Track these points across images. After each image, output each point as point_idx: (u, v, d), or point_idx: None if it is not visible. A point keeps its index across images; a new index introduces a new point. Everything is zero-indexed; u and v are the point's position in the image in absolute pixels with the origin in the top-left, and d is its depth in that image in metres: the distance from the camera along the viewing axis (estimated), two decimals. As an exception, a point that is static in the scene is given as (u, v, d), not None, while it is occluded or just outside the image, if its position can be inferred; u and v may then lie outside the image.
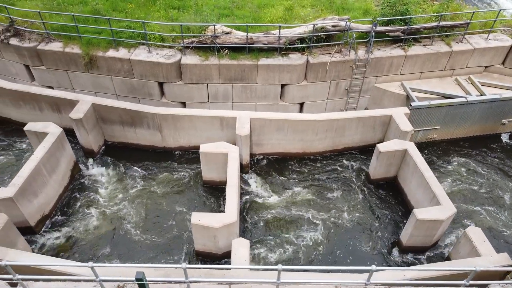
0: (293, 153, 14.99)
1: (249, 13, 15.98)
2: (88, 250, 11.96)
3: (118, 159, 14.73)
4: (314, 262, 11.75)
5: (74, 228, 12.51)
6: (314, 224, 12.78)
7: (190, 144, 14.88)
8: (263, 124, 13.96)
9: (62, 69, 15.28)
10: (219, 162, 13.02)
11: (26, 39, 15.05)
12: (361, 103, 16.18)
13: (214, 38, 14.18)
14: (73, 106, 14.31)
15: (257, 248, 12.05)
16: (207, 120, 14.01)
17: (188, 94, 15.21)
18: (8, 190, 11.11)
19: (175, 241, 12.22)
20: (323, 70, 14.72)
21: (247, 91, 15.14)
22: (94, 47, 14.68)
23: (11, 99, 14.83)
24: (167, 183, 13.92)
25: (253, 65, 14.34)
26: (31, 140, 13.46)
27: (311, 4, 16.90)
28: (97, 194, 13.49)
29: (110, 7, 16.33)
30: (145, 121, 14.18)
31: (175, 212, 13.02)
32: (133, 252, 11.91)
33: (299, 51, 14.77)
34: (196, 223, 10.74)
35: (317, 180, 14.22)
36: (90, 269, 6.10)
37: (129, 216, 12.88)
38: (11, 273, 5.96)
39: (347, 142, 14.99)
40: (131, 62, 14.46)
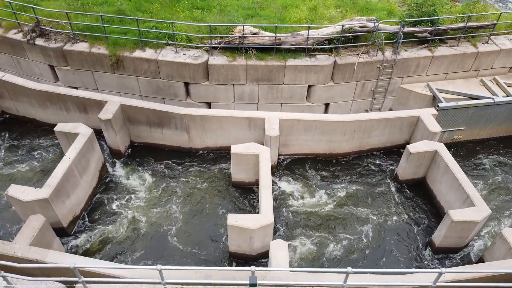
0: (320, 154, 14.98)
1: (274, 13, 15.95)
2: (121, 251, 11.95)
3: (145, 160, 14.71)
4: (351, 263, 11.73)
5: (104, 229, 12.49)
6: (344, 225, 12.76)
7: (216, 145, 14.87)
8: (292, 125, 13.95)
9: (87, 69, 15.24)
10: (250, 163, 13.00)
11: (52, 40, 15.01)
12: (385, 104, 16.16)
13: (242, 38, 14.14)
14: (100, 107, 14.31)
15: (290, 249, 12.03)
16: (235, 121, 13.99)
17: (214, 95, 15.18)
18: (44, 191, 11.10)
19: (207, 242, 12.20)
20: (350, 71, 14.69)
21: (273, 91, 15.11)
22: (121, 47, 14.64)
23: (38, 100, 14.80)
24: (195, 184, 13.90)
25: (280, 65, 14.32)
26: (60, 140, 13.44)
27: (334, 5, 16.86)
28: (125, 195, 13.47)
29: (134, 8, 16.30)
30: (173, 122, 14.16)
31: (205, 212, 13.00)
32: (166, 253, 11.89)
33: (326, 51, 14.74)
34: (233, 224, 10.72)
35: (344, 181, 14.20)
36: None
37: (158, 217, 12.87)
38: (78, 276, 5.94)
39: (373, 143, 14.97)
40: (158, 63, 14.43)
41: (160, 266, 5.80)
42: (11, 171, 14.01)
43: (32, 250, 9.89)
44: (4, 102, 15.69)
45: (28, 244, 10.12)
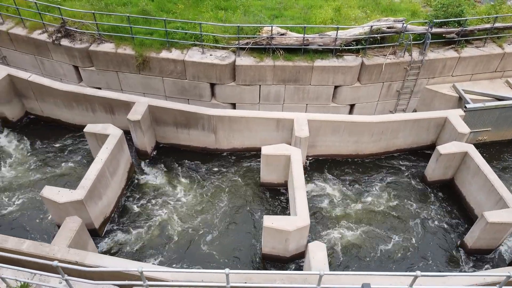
0: (346, 155, 14.95)
1: (299, 13, 15.92)
2: (152, 253, 11.90)
3: (171, 161, 14.68)
4: (382, 266, 11.71)
5: (134, 230, 12.44)
6: (373, 228, 12.72)
7: (243, 146, 14.83)
8: (320, 126, 13.92)
9: (112, 70, 15.20)
10: (280, 164, 12.97)
11: (77, 40, 14.97)
12: (410, 105, 16.13)
13: (270, 39, 14.11)
14: (127, 108, 14.29)
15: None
16: (263, 122, 13.95)
17: (240, 96, 15.15)
18: (78, 193, 11.06)
19: (238, 244, 12.16)
20: (377, 72, 14.66)
21: (299, 92, 15.08)
22: (147, 48, 14.60)
23: (64, 100, 14.76)
24: (222, 185, 13.87)
25: (308, 66, 14.29)
26: (89, 141, 13.41)
27: (358, 5, 16.84)
28: (153, 196, 13.43)
29: (157, 8, 16.27)
30: (201, 123, 14.12)
31: (235, 214, 12.96)
32: (197, 254, 11.83)
33: (353, 52, 14.71)
34: (269, 226, 10.69)
35: (372, 183, 14.17)
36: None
37: (186, 218, 12.83)
38: (143, 280, 5.90)
39: (399, 144, 14.95)
40: (185, 63, 14.39)
41: (228, 270, 5.77)
42: (39, 171, 13.97)
43: (71, 252, 9.84)
44: (29, 103, 15.65)
45: (67, 245, 10.09)
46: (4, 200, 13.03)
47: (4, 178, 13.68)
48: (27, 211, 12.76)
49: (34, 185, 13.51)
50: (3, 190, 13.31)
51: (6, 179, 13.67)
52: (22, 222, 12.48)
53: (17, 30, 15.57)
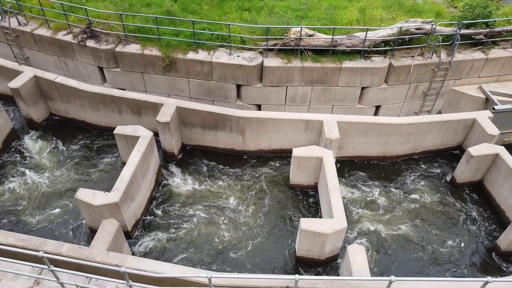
0: (373, 156, 14.90)
1: (325, 14, 15.85)
2: (184, 255, 11.83)
3: (198, 163, 14.62)
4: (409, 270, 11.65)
5: (164, 232, 12.37)
6: (402, 230, 12.67)
7: (270, 147, 14.78)
8: (349, 127, 13.87)
9: (138, 71, 15.14)
10: (311, 166, 12.92)
11: (103, 41, 14.90)
12: (435, 106, 16.07)
13: (299, 40, 14.05)
14: (154, 109, 14.24)
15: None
16: (292, 123, 13.90)
17: (266, 97, 15.09)
18: (114, 195, 11.00)
19: (270, 246, 12.09)
20: (405, 73, 14.61)
21: (326, 93, 15.03)
22: (174, 49, 14.54)
23: (91, 102, 14.70)
24: (250, 186, 13.81)
25: (336, 68, 14.23)
26: (119, 143, 13.35)
27: (382, 6, 16.77)
28: (181, 198, 13.37)
29: (181, 9, 16.20)
30: (229, 124, 14.07)
31: (264, 216, 12.90)
32: (228, 257, 11.76)
33: (381, 53, 14.65)
34: (306, 229, 10.64)
35: (399, 184, 14.12)
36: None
37: (217, 221, 12.76)
38: (210, 286, 5.85)
39: (427, 145, 14.90)
40: (212, 65, 14.33)
41: (298, 276, 5.71)
42: (66, 173, 13.91)
43: (111, 255, 9.77)
44: (53, 104, 15.59)
45: (106, 249, 10.04)
46: (31, 202, 12.96)
47: (31, 180, 13.60)
48: (55, 213, 12.69)
49: (62, 187, 13.46)
50: (30, 192, 13.24)
51: (33, 181, 13.60)
52: (51, 224, 12.41)
53: (41, 31, 15.49)
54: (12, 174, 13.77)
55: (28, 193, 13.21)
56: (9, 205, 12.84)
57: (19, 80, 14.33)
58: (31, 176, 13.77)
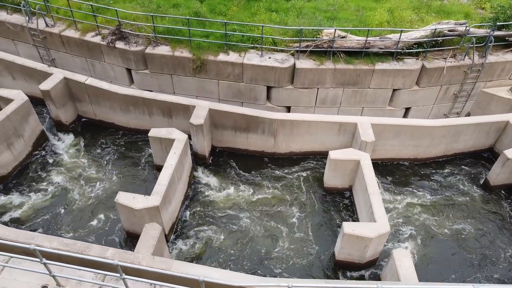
0: (404, 158, 14.83)
1: (354, 16, 15.75)
2: (219, 258, 11.74)
3: (229, 165, 14.53)
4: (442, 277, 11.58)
5: (198, 235, 12.29)
6: (438, 233, 12.59)
7: (301, 150, 14.70)
8: (382, 130, 13.78)
9: (167, 73, 15.04)
10: (348, 168, 12.84)
11: (132, 43, 14.80)
12: (465, 108, 15.98)
13: (332, 42, 13.96)
14: (186, 111, 14.17)
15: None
16: (325, 126, 13.82)
17: (296, 99, 15.00)
18: (154, 199, 10.92)
19: (307, 250, 12.01)
20: (437, 75, 14.52)
21: (357, 95, 14.94)
22: (204, 51, 14.44)
23: (121, 104, 14.61)
24: (285, 189, 13.73)
25: (369, 69, 14.14)
26: (153, 145, 13.25)
27: (410, 7, 16.67)
28: (214, 201, 13.27)
29: (208, 10, 16.10)
30: (261, 127, 13.98)
31: (301, 219, 12.82)
32: (264, 260, 11.69)
33: (413, 55, 14.56)
34: (349, 233, 10.56)
35: (433, 186, 14.04)
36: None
37: (250, 224, 12.67)
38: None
39: (459, 147, 14.82)
40: (243, 66, 14.23)
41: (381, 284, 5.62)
42: (98, 175, 13.82)
43: (156, 259, 9.67)
44: (82, 106, 15.50)
45: (151, 253, 9.95)
46: (63, 205, 12.87)
47: (62, 183, 13.51)
48: (87, 215, 12.61)
49: (94, 189, 13.36)
50: (62, 195, 13.15)
51: (64, 183, 13.51)
52: (84, 227, 12.33)
53: (69, 33, 15.38)
54: (44, 177, 13.68)
55: (59, 196, 13.12)
56: (41, 208, 12.75)
57: (49, 82, 14.24)
58: (62, 178, 13.68)
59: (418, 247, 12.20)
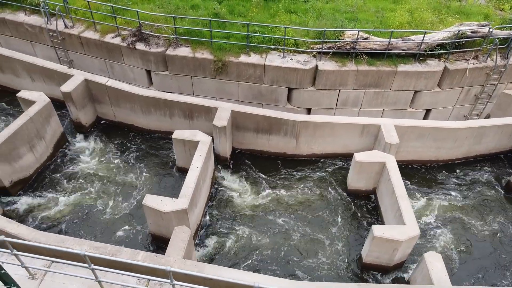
0: (426, 160, 14.78)
1: (375, 17, 15.70)
2: (245, 262, 11.68)
3: (250, 167, 14.47)
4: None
5: (221, 239, 12.22)
6: (463, 234, 12.56)
7: (323, 152, 14.64)
8: (405, 132, 13.73)
9: (187, 74, 14.98)
10: (373, 171, 12.78)
11: (152, 44, 14.74)
12: (485, 110, 15.93)
13: (354, 43, 13.90)
14: (207, 113, 14.11)
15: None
16: (348, 128, 13.77)
17: (317, 101, 14.94)
18: (182, 201, 10.85)
19: (334, 253, 11.96)
20: (459, 77, 14.47)
21: (378, 97, 14.89)
22: (226, 52, 14.38)
23: (142, 106, 14.55)
24: (308, 191, 13.67)
25: (391, 71, 14.09)
26: (176, 147, 13.19)
27: (429, 8, 16.62)
28: (236, 203, 13.21)
29: (227, 11, 16.03)
30: (284, 128, 13.93)
31: (326, 221, 12.76)
32: (293, 264, 11.64)
33: (434, 57, 14.51)
34: (379, 236, 10.50)
35: (458, 188, 13.99)
36: None
37: (273, 227, 12.60)
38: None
39: (480, 149, 14.78)
40: (265, 68, 14.18)
41: None
42: (121, 177, 13.75)
43: (188, 263, 9.61)
44: (101, 108, 15.44)
45: (182, 256, 9.89)
46: (85, 207, 12.81)
47: (84, 185, 13.45)
48: (111, 218, 12.55)
49: (116, 191, 13.30)
50: (84, 197, 13.09)
51: (86, 185, 13.44)
52: (109, 229, 12.27)
53: (88, 34, 15.32)
54: (65, 179, 13.61)
55: (80, 198, 13.05)
56: (62, 211, 12.68)
57: (70, 84, 14.18)
58: (83, 180, 13.61)
59: (445, 249, 12.14)
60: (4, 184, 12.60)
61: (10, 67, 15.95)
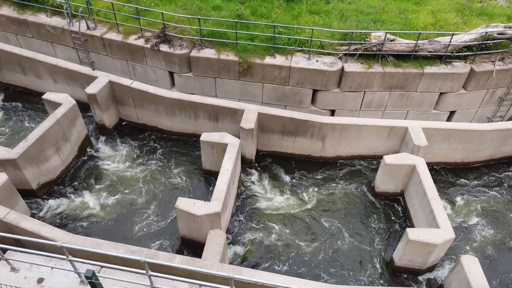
0: (451, 162, 14.74)
1: (399, 19, 15.64)
2: (275, 266, 11.64)
3: (275, 169, 14.43)
4: None
5: (250, 239, 12.21)
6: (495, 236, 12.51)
7: (348, 154, 14.59)
8: (432, 134, 13.68)
9: (211, 76, 14.91)
10: (402, 173, 12.73)
11: (176, 46, 14.68)
12: (509, 112, 15.87)
13: (381, 45, 13.85)
14: (233, 115, 14.07)
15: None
16: (376, 130, 13.72)
17: (342, 102, 14.88)
18: (215, 205, 10.81)
19: (365, 256, 11.91)
20: (485, 79, 14.42)
21: (403, 99, 14.83)
22: (251, 54, 14.32)
23: (167, 108, 14.49)
24: (335, 193, 13.62)
25: (417, 73, 14.03)
26: (203, 150, 13.14)
27: (449, 9, 16.55)
28: (262, 205, 13.17)
29: (250, 12, 15.97)
30: (310, 131, 13.87)
31: (353, 225, 12.71)
32: (322, 267, 11.60)
33: (460, 59, 14.45)
34: (414, 239, 10.45)
35: (485, 190, 13.97)
36: None
37: (301, 230, 12.56)
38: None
39: (506, 151, 14.74)
40: (291, 70, 14.12)
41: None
42: (147, 180, 13.69)
43: (225, 267, 9.58)
44: (124, 110, 15.38)
45: (218, 260, 9.83)
46: (111, 209, 12.76)
47: (111, 187, 13.39)
48: (139, 220, 12.50)
49: (141, 194, 13.25)
50: (108, 199, 13.04)
51: (114, 187, 13.39)
52: (138, 232, 12.21)
53: (111, 36, 15.25)
54: (90, 181, 13.56)
55: (106, 201, 13.00)
56: (89, 213, 12.63)
57: (95, 86, 14.12)
58: (108, 182, 13.56)
59: (475, 252, 12.09)
60: (31, 187, 12.55)
61: (33, 69, 15.89)
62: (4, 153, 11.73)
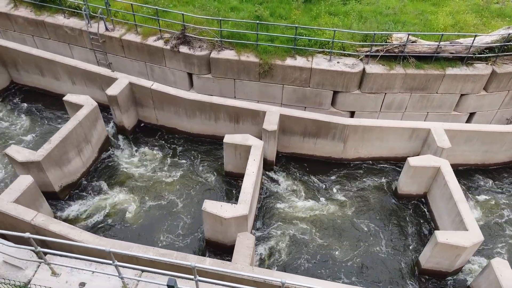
0: (472, 164, 14.70)
1: (419, 20, 15.59)
2: (298, 265, 11.61)
3: (295, 170, 14.39)
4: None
5: (273, 242, 12.16)
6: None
7: (369, 156, 14.55)
8: (454, 135, 13.64)
9: (230, 77, 14.87)
10: (426, 175, 12.69)
11: (196, 47, 14.63)
12: (528, 113, 15.87)
13: (403, 47, 13.80)
14: (254, 116, 14.03)
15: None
16: (398, 131, 13.67)
17: (362, 104, 14.84)
18: (243, 207, 10.77)
19: (390, 258, 11.88)
20: (506, 80, 14.38)
21: (423, 100, 14.79)
22: (271, 55, 14.28)
23: (187, 109, 14.44)
24: (357, 194, 13.58)
25: (439, 74, 13.98)
26: (226, 151, 13.08)
27: (466, 10, 16.51)
28: (284, 207, 13.13)
29: (268, 13, 15.91)
30: (332, 132, 13.83)
31: (377, 227, 12.67)
32: (346, 270, 11.57)
33: (481, 60, 14.40)
34: (443, 242, 10.41)
35: (508, 192, 13.89)
36: None
37: (325, 232, 12.52)
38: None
39: (527, 153, 14.70)
40: (312, 71, 14.07)
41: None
42: (170, 182, 13.64)
43: (255, 270, 9.54)
44: (143, 111, 15.33)
45: (249, 264, 9.80)
46: (133, 211, 12.71)
47: (129, 189, 13.34)
48: (162, 223, 12.46)
49: (163, 196, 13.20)
50: (130, 201, 12.99)
51: (132, 190, 13.34)
52: (160, 234, 12.17)
53: (130, 37, 15.20)
54: (111, 183, 13.51)
55: (128, 203, 12.95)
56: (111, 215, 12.59)
57: (116, 87, 14.07)
58: (129, 184, 13.52)
59: (499, 254, 12.05)
60: (54, 189, 12.51)
61: (51, 70, 15.84)
62: (29, 155, 11.68)
